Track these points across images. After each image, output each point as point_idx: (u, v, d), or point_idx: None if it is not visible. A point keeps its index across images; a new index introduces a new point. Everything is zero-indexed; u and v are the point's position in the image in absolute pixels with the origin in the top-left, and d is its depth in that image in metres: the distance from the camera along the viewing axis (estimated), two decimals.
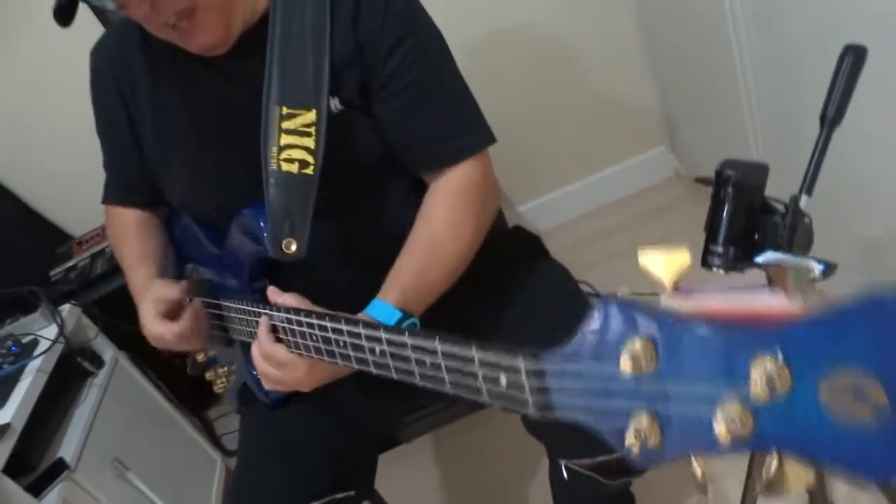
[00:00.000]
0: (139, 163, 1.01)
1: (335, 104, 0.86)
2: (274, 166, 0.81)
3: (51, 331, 1.47)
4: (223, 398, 1.25)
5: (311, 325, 0.71)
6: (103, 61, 0.99)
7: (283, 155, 0.82)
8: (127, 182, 1.06)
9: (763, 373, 0.31)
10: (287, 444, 1.01)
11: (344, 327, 0.66)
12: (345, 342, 0.66)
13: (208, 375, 1.23)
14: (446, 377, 0.53)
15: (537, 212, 2.33)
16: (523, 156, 2.15)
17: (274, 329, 0.78)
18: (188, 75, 0.92)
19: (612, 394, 0.38)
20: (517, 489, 1.56)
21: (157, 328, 0.94)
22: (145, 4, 0.77)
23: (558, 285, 1.02)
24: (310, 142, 0.82)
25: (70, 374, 1.53)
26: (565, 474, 1.01)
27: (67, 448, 1.38)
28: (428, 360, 0.54)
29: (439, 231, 0.86)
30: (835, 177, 1.19)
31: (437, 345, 0.53)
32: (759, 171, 0.75)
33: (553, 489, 1.18)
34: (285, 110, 0.82)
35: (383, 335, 0.60)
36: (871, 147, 1.14)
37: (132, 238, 1.07)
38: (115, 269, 1.65)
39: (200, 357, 1.21)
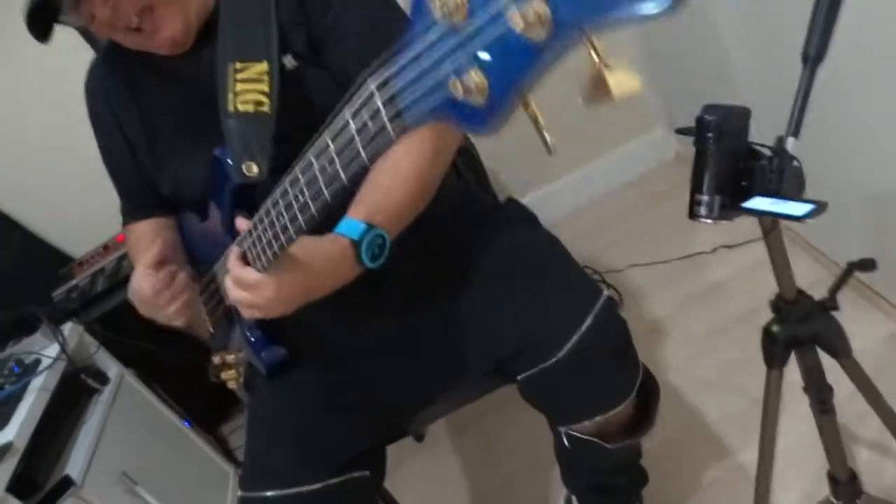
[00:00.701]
0: (137, 172, 1.06)
1: (289, 60, 0.90)
2: (230, 108, 0.86)
3: (53, 350, 1.47)
4: (238, 394, 1.23)
5: (264, 227, 0.72)
6: (94, 85, 1.05)
7: (239, 99, 0.86)
8: (132, 194, 1.11)
9: None
10: (296, 424, 1.01)
11: (278, 196, 0.68)
12: (279, 212, 0.68)
13: (224, 376, 1.21)
14: (337, 161, 0.54)
15: (537, 206, 2.30)
16: (518, 146, 2.13)
17: (244, 257, 0.78)
18: (160, 75, 0.98)
19: (441, 60, 0.39)
20: (529, 484, 1.53)
21: (135, 280, 0.94)
22: (108, 7, 0.83)
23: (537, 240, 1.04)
24: (263, 86, 0.86)
25: (75, 393, 1.53)
26: (566, 442, 0.99)
27: (74, 465, 1.37)
28: (324, 159, 0.56)
29: (396, 151, 0.82)
30: (834, 119, 1.17)
31: (325, 135, 0.55)
32: (740, 115, 0.73)
33: (561, 467, 1.16)
34: (238, 65, 0.87)
35: (297, 173, 0.62)
36: (872, 86, 1.12)
37: (142, 245, 1.09)
38: (115, 286, 1.65)
39: (216, 360, 1.20)
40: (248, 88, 0.86)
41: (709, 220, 0.69)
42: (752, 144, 0.73)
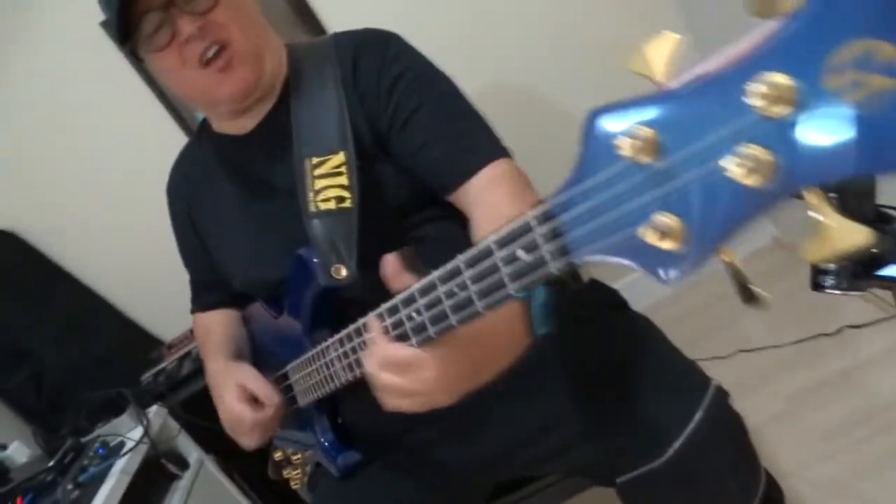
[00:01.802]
0: (209, 266, 1.06)
1: (367, 141, 0.88)
2: (311, 209, 0.84)
3: (137, 433, 1.48)
4: (302, 494, 1.18)
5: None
6: (173, 183, 1.08)
7: (320, 197, 0.84)
8: (203, 286, 1.12)
9: (762, 94, 0.28)
10: None
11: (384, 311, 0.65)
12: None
13: (286, 474, 1.18)
14: (471, 287, 0.52)
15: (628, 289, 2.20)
16: None
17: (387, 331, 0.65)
18: (231, 163, 0.98)
19: (622, 198, 0.36)
20: None
21: (238, 408, 0.92)
22: (195, 25, 0.82)
23: (640, 339, 0.92)
24: (343, 179, 0.84)
25: (155, 477, 1.52)
26: None
27: None
28: (453, 284, 0.54)
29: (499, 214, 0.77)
30: None
31: (460, 260, 0.52)
32: (863, 176, 0.65)
33: None
34: (314, 160, 0.85)
35: (415, 292, 0.59)
36: None
37: (211, 333, 1.10)
38: (200, 370, 1.66)
39: (278, 455, 1.17)
40: (328, 184, 0.84)
41: (836, 292, 0.61)
42: (880, 207, 0.65)
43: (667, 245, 0.34)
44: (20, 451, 1.54)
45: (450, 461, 0.95)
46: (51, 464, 1.33)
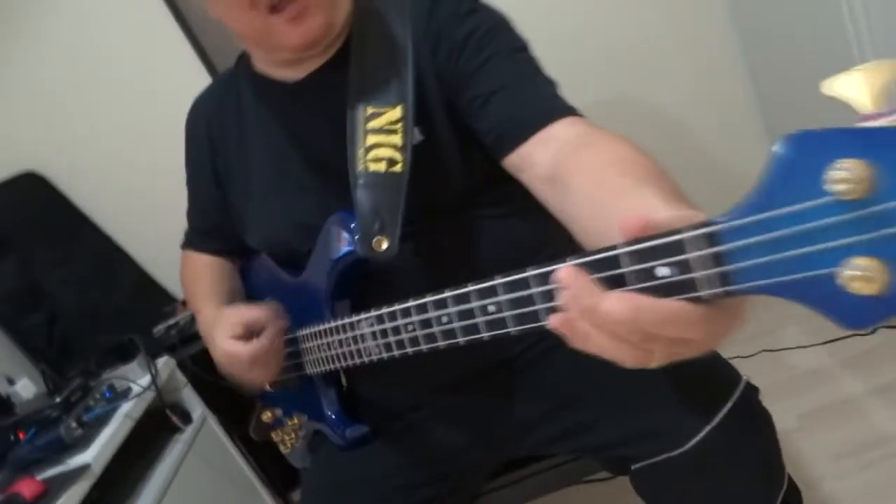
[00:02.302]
0: (220, 213, 1.01)
1: (416, 133, 0.81)
2: (361, 167, 0.79)
3: (145, 381, 1.47)
4: (290, 458, 1.17)
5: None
6: (198, 118, 1.01)
7: (370, 155, 0.79)
8: (207, 229, 1.06)
9: None
10: (355, 482, 0.92)
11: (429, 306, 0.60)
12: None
13: (274, 436, 1.17)
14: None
15: None
16: None
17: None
18: (272, 111, 0.92)
19: (814, 235, 0.33)
20: None
21: (230, 346, 0.89)
22: None
23: None
24: (396, 139, 0.78)
25: (158, 428, 1.52)
26: None
27: (144, 499, 1.34)
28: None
29: (614, 151, 0.63)
30: None
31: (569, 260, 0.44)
32: None
33: None
34: (370, 110, 0.80)
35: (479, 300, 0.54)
36: None
37: (203, 277, 1.06)
38: None
39: (266, 416, 1.16)
40: (380, 142, 0.79)
41: None
42: None
43: (865, 291, 0.31)
44: (27, 388, 1.55)
45: (458, 437, 0.94)
46: (57, 400, 1.33)
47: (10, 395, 1.51)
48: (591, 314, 0.41)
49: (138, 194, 1.98)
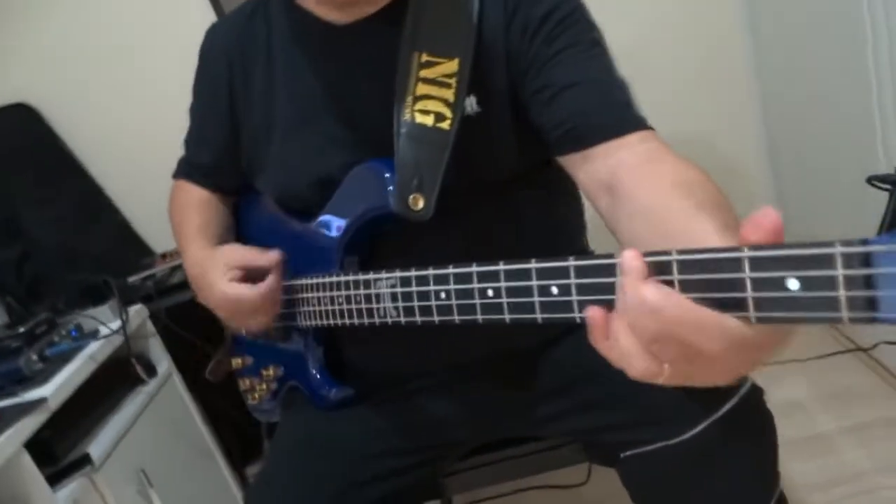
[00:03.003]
0: (227, 151, 0.95)
1: (472, 104, 0.77)
2: (407, 116, 0.74)
3: (115, 325, 1.42)
4: (254, 410, 1.13)
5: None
6: (216, 46, 0.94)
7: (419, 105, 0.74)
8: (208, 165, 1.00)
9: None
10: (332, 439, 0.89)
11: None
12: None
13: (242, 384, 1.12)
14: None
15: None
16: None
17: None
18: (309, 52, 0.86)
19: None
20: None
21: (233, 289, 0.84)
22: None
23: None
24: (449, 94, 0.74)
25: (121, 377, 1.46)
26: None
27: (97, 447, 1.28)
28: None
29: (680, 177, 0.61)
30: None
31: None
32: None
33: None
34: (425, 57, 0.75)
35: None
36: None
37: (196, 212, 1.00)
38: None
39: (237, 363, 1.11)
40: (431, 93, 0.74)
41: None
42: None
43: None
44: None
45: (448, 411, 0.91)
46: (21, 329, 1.28)
47: None
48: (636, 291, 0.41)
49: (130, 143, 1.93)
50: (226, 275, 0.86)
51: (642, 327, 0.41)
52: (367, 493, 0.85)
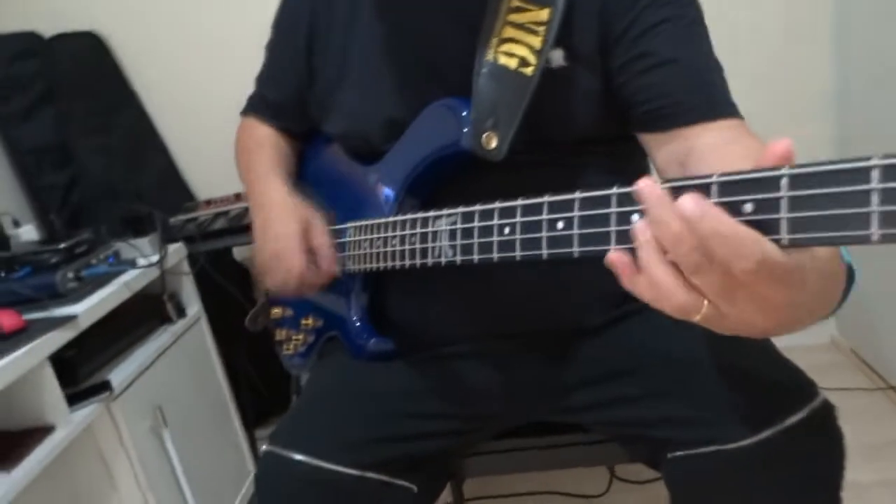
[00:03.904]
0: (301, 87, 0.93)
1: (558, 58, 0.74)
2: (490, 56, 0.71)
3: (154, 258, 1.40)
4: (287, 362, 1.10)
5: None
6: None
7: (503, 48, 0.71)
8: (280, 104, 0.98)
9: None
10: (364, 392, 0.85)
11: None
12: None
13: (278, 334, 1.09)
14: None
15: None
16: None
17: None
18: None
19: None
20: None
21: (295, 249, 0.82)
22: None
23: None
24: (535, 41, 0.71)
25: (150, 312, 1.45)
26: None
27: (118, 375, 1.26)
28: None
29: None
30: None
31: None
32: None
33: None
34: (515, 2, 0.72)
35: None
36: None
37: (271, 149, 0.98)
38: (233, 230, 1.59)
39: (276, 312, 1.08)
40: (517, 37, 0.72)
41: None
42: None
43: None
44: (30, 234, 1.48)
45: (490, 382, 0.86)
46: (61, 246, 1.26)
47: (12, 236, 1.44)
48: (663, 208, 0.40)
49: (190, 88, 1.92)
50: (298, 228, 0.84)
51: (683, 252, 0.40)
52: (388, 449, 0.81)
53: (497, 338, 0.84)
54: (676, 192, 0.41)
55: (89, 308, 1.19)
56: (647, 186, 0.42)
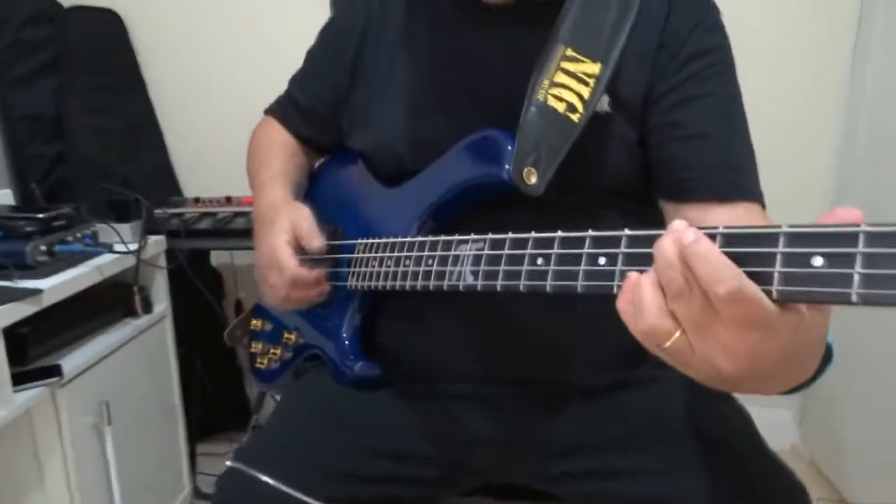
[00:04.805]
0: (339, 95, 0.90)
1: (603, 102, 0.76)
2: (540, 96, 0.72)
3: (132, 246, 1.35)
4: (257, 376, 1.04)
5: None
6: (355, 3, 0.91)
7: (554, 90, 0.73)
8: (313, 108, 0.95)
9: None
10: (341, 419, 0.80)
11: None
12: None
13: (254, 347, 1.04)
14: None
15: None
16: None
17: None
18: (453, 17, 0.83)
19: None
20: None
21: (284, 253, 0.79)
22: None
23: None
24: (585, 91, 0.72)
25: (116, 301, 1.38)
26: None
27: (69, 362, 1.19)
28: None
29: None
30: None
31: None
32: None
33: None
34: (570, 51, 0.74)
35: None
36: None
37: (282, 154, 0.96)
38: (218, 233, 1.54)
39: (257, 324, 1.03)
40: (568, 84, 0.73)
41: None
42: None
43: None
44: (7, 199, 1.41)
45: (480, 430, 0.81)
46: (39, 216, 1.20)
47: None
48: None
49: (200, 85, 1.91)
50: (287, 229, 0.81)
51: (669, 277, 0.42)
52: (359, 488, 0.76)
53: (502, 383, 0.80)
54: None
55: (56, 285, 1.12)
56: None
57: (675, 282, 0.42)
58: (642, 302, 0.44)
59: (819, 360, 0.50)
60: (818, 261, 0.38)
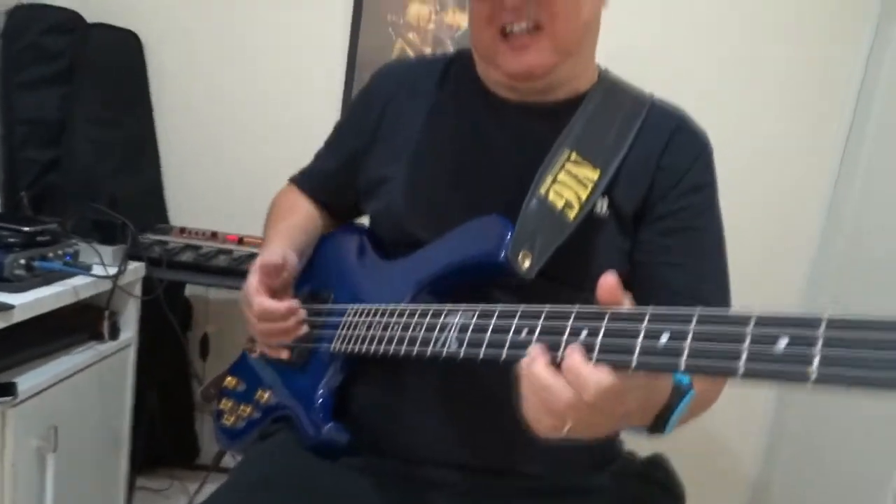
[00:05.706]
0: (357, 158, 0.94)
1: (602, 205, 0.81)
2: (543, 190, 0.78)
3: (111, 270, 1.33)
4: (221, 434, 1.02)
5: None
6: (391, 76, 0.97)
7: (556, 187, 0.78)
8: (331, 170, 1.00)
9: None
10: (307, 486, 0.79)
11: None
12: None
13: (223, 404, 1.02)
14: (688, 344, 0.49)
15: None
16: None
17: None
18: (473, 108, 0.89)
19: None
20: None
21: (252, 287, 0.83)
22: None
23: None
24: (583, 192, 0.79)
25: (84, 325, 1.35)
26: None
27: (26, 381, 1.15)
28: (675, 329, 0.49)
29: None
30: None
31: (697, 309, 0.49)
32: None
33: None
34: (574, 155, 0.80)
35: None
36: None
37: (296, 218, 0.99)
38: (199, 268, 1.53)
39: (231, 382, 1.02)
40: (569, 183, 0.79)
41: None
42: None
43: None
44: None
45: None
46: (26, 229, 1.18)
47: None
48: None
49: (207, 116, 1.92)
50: (256, 275, 0.84)
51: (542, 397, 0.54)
52: None
53: (474, 471, 0.80)
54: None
55: (28, 302, 1.11)
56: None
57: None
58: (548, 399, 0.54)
59: (666, 395, 0.59)
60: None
